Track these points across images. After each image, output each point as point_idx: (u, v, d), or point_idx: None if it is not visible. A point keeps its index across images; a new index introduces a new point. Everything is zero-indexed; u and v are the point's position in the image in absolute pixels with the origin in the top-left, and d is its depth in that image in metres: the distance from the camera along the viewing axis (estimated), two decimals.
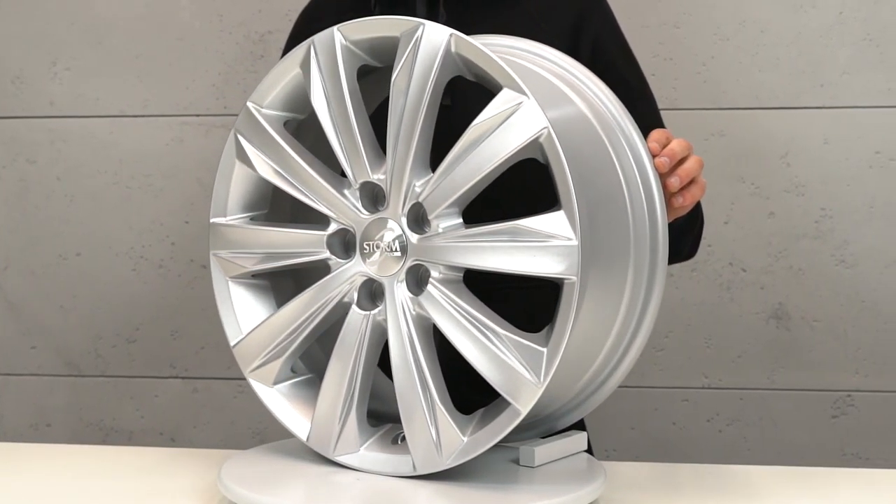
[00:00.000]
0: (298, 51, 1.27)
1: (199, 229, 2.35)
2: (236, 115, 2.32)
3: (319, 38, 1.25)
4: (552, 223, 1.12)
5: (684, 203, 1.30)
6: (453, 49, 1.19)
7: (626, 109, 1.28)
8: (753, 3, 2.18)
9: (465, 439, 1.18)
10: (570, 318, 1.11)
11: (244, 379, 1.36)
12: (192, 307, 2.36)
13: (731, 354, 2.24)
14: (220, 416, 2.38)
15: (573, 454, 1.32)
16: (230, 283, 1.34)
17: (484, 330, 1.17)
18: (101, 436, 2.41)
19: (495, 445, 1.21)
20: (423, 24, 1.19)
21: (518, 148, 1.15)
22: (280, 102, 1.31)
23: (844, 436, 2.22)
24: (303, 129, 1.35)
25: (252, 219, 1.35)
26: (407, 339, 1.20)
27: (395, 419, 1.25)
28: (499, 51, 1.29)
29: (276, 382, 1.32)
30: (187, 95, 2.34)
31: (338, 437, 1.26)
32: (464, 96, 1.47)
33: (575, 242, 1.11)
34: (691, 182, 1.30)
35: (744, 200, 2.21)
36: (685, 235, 1.48)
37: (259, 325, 1.31)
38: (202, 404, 2.38)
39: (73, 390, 2.41)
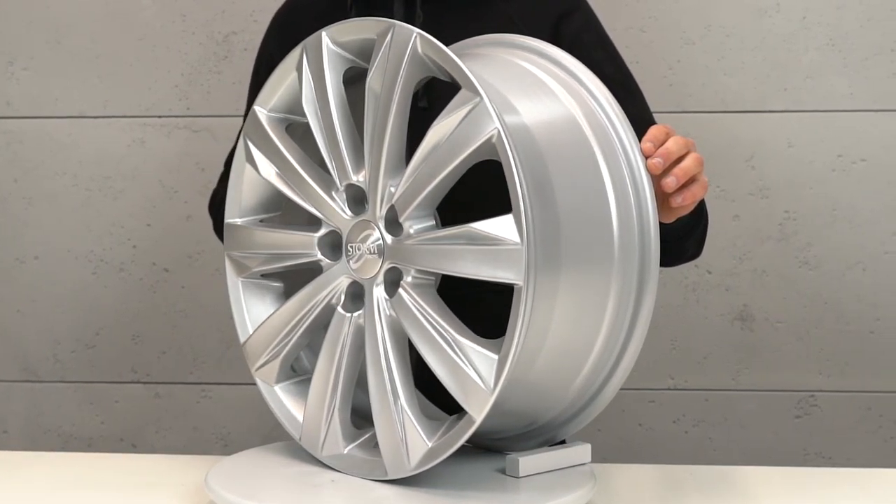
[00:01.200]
0: (294, 54, 1.28)
1: (161, 232, 2.32)
2: (200, 116, 2.31)
3: (310, 41, 1.26)
4: (501, 226, 1.09)
5: (684, 203, 1.25)
6: (420, 49, 1.18)
7: (621, 109, 1.24)
8: (719, 7, 2.20)
9: (430, 445, 1.17)
10: (519, 324, 1.08)
11: (208, 383, 1.37)
12: (155, 311, 2.33)
13: (697, 356, 2.26)
14: (182, 422, 2.35)
15: (570, 466, 1.30)
16: (241, 283, 1.37)
17: (445, 336, 1.15)
18: (60, 442, 2.37)
19: (488, 455, 1.21)
20: (394, 25, 1.19)
21: (472, 149, 1.12)
22: (283, 105, 1.33)
23: (807, 436, 2.25)
24: (309, 132, 1.33)
25: (262, 221, 1.37)
26: (381, 341, 1.19)
27: None
28: (499, 49, 1.29)
29: (277, 382, 1.34)
30: (149, 96, 2.30)
31: (324, 437, 1.27)
32: (440, 99, 1.46)
33: (520, 246, 1.07)
34: (691, 181, 1.26)
35: (709, 203, 2.20)
36: (689, 236, 1.45)
37: (262, 324, 1.33)
38: (164, 409, 2.35)
39: (30, 396, 2.36)
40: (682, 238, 1.43)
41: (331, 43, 1.25)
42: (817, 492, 1.34)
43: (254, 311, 1.37)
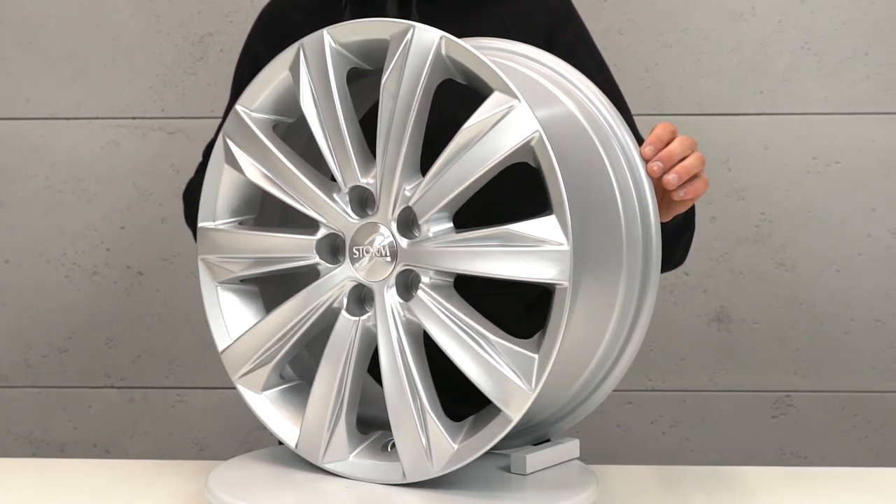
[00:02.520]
0: (287, 53, 1.25)
1: (135, 234, 2.29)
2: (174, 118, 2.29)
3: (308, 40, 1.24)
4: (543, 228, 1.11)
5: (686, 196, 1.27)
6: (444, 52, 1.18)
7: (619, 114, 1.27)
8: (696, 11, 2.22)
9: (456, 446, 1.17)
10: (563, 324, 1.10)
11: (183, 388, 1.34)
12: (128, 315, 2.30)
13: (675, 357, 2.27)
14: (157, 427, 2.32)
15: (566, 461, 1.32)
16: (219, 288, 1.32)
17: (475, 336, 1.15)
18: (31, 449, 2.33)
19: (487, 453, 1.20)
20: (414, 27, 1.18)
21: (509, 152, 1.13)
22: (269, 106, 1.29)
23: (784, 435, 2.27)
24: (292, 132, 1.32)
25: (240, 223, 1.32)
26: (397, 344, 1.18)
27: (385, 425, 1.24)
28: (491, 54, 1.28)
29: (264, 389, 1.30)
30: (123, 97, 2.27)
31: (327, 444, 1.25)
32: (438, 101, 1.46)
33: (566, 247, 1.09)
34: (693, 177, 1.28)
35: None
36: (680, 237, 1.48)
37: (248, 330, 1.29)
38: (139, 414, 2.32)
39: (1, 402, 2.32)
40: (674, 240, 1.45)
41: (333, 42, 1.24)
42: (817, 490, 1.35)
43: (232, 317, 1.33)
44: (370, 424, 1.30)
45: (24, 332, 2.31)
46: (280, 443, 1.32)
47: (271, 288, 1.35)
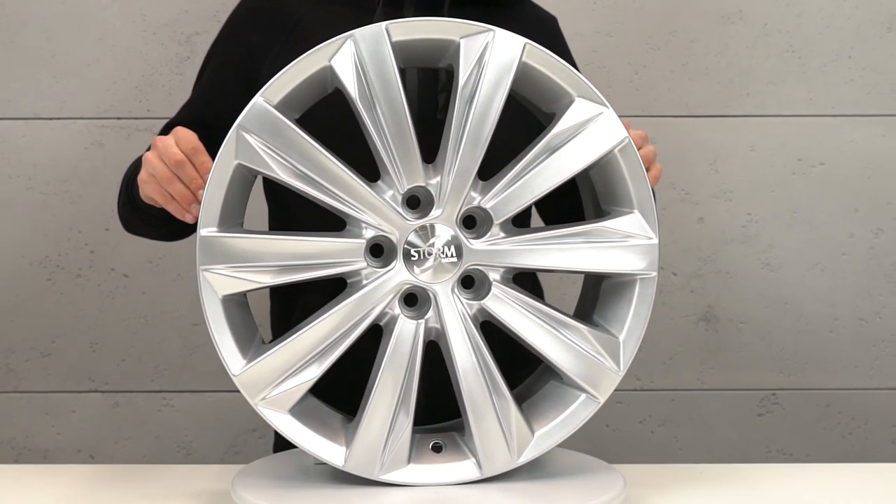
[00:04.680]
0: (329, 46, 1.19)
1: (119, 237, 2.25)
2: (161, 118, 2.26)
3: (362, 33, 1.19)
4: (630, 224, 1.22)
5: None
6: (524, 58, 1.21)
7: None
8: (683, 14, 2.24)
9: (536, 433, 1.22)
10: (649, 309, 1.25)
11: (169, 391, 1.29)
12: (113, 318, 2.27)
13: (663, 356, 2.29)
14: (143, 431, 2.29)
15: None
16: (223, 302, 1.20)
17: (554, 324, 1.21)
18: (14, 455, 2.29)
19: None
20: (494, 31, 1.20)
21: (600, 156, 1.22)
22: (293, 100, 1.24)
23: (769, 433, 2.30)
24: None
25: (228, 230, 1.22)
26: (471, 342, 1.20)
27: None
28: None
29: (292, 408, 1.22)
30: (108, 97, 2.24)
31: (387, 455, 1.20)
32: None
33: (655, 241, 1.23)
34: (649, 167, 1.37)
35: (674, 206, 2.27)
36: None
37: (278, 348, 1.20)
38: (124, 419, 2.29)
39: None
40: None
41: (391, 38, 1.20)
42: (802, 487, 1.39)
43: (241, 335, 1.22)
44: None
45: (6, 336, 2.27)
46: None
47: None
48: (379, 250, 1.22)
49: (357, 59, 1.19)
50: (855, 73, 2.24)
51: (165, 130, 1.49)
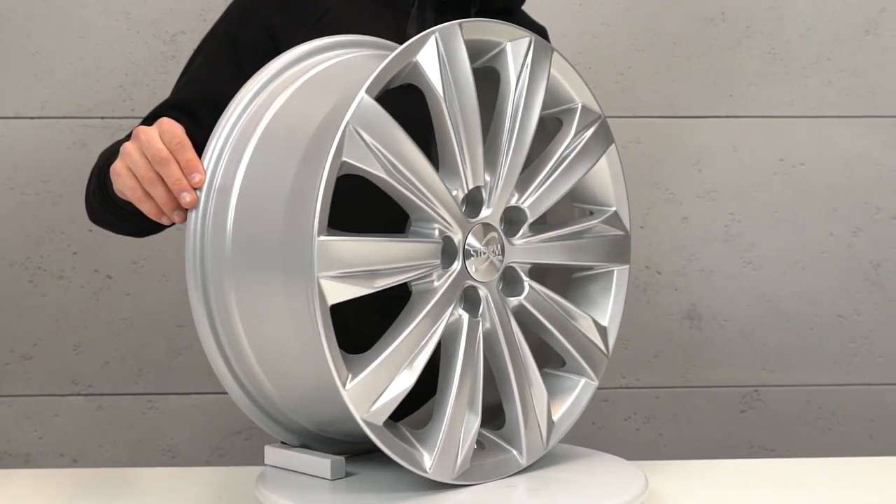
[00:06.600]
0: (416, 42, 1.14)
1: (103, 238, 2.22)
2: (144, 117, 2.23)
3: (442, 31, 1.16)
4: (614, 220, 1.34)
5: None
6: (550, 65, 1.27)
7: None
8: (667, 16, 2.27)
9: (555, 419, 1.29)
10: (623, 299, 1.36)
11: (154, 394, 1.27)
12: (97, 320, 2.24)
13: (648, 354, 2.32)
14: (127, 434, 2.26)
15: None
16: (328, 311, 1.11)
17: (564, 315, 1.28)
18: None
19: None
20: (533, 37, 1.24)
21: (596, 161, 1.31)
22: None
23: (752, 429, 2.33)
24: None
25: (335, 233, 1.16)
26: (516, 338, 1.23)
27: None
28: None
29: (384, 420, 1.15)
30: (91, 97, 2.21)
31: (462, 457, 1.18)
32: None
33: (628, 234, 1.36)
34: None
35: (659, 206, 2.30)
36: None
37: (381, 358, 1.12)
38: (108, 422, 2.26)
39: None
40: None
41: (463, 36, 1.18)
42: (784, 481, 1.41)
43: (335, 346, 1.11)
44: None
45: None
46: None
47: None
48: (445, 251, 1.19)
49: (440, 56, 1.15)
50: (834, 76, 2.29)
51: (150, 120, 1.39)
